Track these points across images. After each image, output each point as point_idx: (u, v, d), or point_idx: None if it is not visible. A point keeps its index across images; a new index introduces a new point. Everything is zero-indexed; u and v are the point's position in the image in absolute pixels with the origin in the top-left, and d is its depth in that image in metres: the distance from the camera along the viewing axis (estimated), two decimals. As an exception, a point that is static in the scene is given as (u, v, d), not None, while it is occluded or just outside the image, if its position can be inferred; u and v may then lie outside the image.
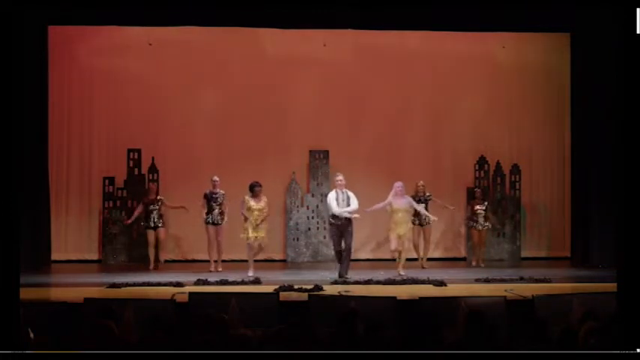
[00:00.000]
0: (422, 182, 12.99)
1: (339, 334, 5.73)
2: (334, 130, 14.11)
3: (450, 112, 14.33)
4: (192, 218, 12.76)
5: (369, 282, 10.61)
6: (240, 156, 13.72)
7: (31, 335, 5.59)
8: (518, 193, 14.28)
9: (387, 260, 12.07)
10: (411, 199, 12.02)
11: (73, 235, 13.79)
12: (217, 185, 12.27)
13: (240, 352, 5.17)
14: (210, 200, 12.29)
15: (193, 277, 10.75)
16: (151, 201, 12.74)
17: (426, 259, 13.04)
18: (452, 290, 10.01)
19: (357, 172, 13.39)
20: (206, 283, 10.44)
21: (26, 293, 7.70)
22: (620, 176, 5.86)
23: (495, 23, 13.08)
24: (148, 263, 12.70)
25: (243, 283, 10.53)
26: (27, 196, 11.69)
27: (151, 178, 13.71)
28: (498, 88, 14.39)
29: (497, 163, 14.28)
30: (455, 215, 14.03)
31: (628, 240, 5.47)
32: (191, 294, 8.66)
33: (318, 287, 9.83)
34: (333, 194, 11.40)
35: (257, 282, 10.63)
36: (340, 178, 11.46)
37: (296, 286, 9.80)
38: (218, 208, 12.29)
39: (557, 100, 14.34)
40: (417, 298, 8.70)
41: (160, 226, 12.75)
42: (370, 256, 13.89)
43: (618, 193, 6.44)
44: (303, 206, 14.00)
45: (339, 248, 11.41)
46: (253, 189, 11.54)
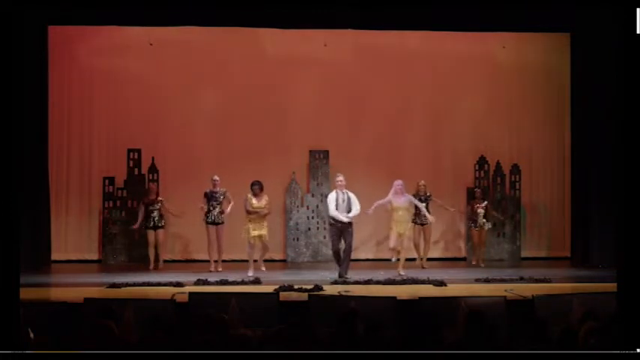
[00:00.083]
0: (423, 182, 12.99)
1: (339, 334, 5.73)
2: (334, 130, 14.11)
3: (450, 112, 14.33)
4: (193, 218, 12.77)
5: (369, 282, 10.61)
6: (240, 156, 13.72)
7: (31, 335, 5.59)
8: (518, 193, 14.29)
9: (387, 260, 12.07)
10: (412, 196, 12.04)
11: (73, 235, 13.80)
12: (217, 185, 12.28)
13: (240, 352, 5.17)
14: (210, 199, 12.30)
15: (193, 277, 10.76)
16: (152, 201, 12.74)
17: (426, 259, 13.05)
18: (452, 290, 10.00)
19: (357, 172, 13.39)
20: (206, 283, 10.45)
21: (26, 293, 7.71)
22: (620, 176, 5.86)
23: (495, 23, 13.08)
24: (148, 263, 12.70)
25: (243, 283, 10.54)
26: (27, 196, 11.70)
27: (151, 178, 13.72)
28: (498, 88, 14.39)
29: (497, 163, 14.28)
30: (455, 215, 14.04)
31: (628, 240, 5.47)
32: (191, 294, 8.66)
33: (318, 287, 9.83)
34: (333, 195, 11.40)
35: (257, 282, 10.63)
36: (340, 178, 11.46)
37: (296, 286, 9.80)
38: (218, 207, 12.30)
39: (557, 100, 14.35)
40: (417, 298, 8.71)
41: (161, 227, 12.75)
42: (370, 256, 13.89)
43: (618, 193, 6.44)
44: (303, 206, 14.00)
45: (337, 249, 11.41)
46: (252, 188, 11.62)
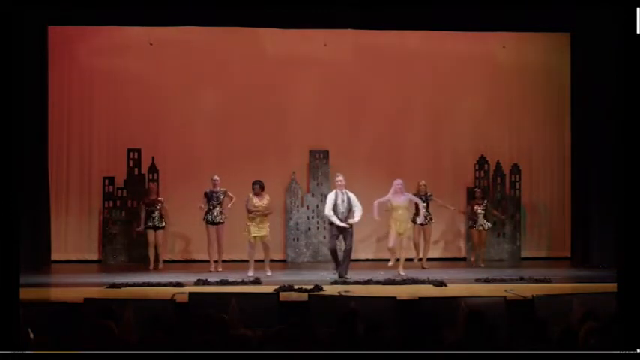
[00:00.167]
0: (424, 182, 13.00)
1: (339, 334, 5.73)
2: (334, 130, 14.11)
3: (450, 112, 14.33)
4: (192, 218, 12.77)
5: (369, 282, 10.61)
6: (240, 156, 13.72)
7: (31, 335, 5.59)
8: (518, 193, 14.29)
9: (387, 260, 12.06)
10: (412, 195, 12.04)
11: (73, 235, 13.79)
12: (217, 184, 12.28)
13: (240, 352, 5.17)
14: (210, 199, 12.30)
15: (193, 277, 10.76)
16: (152, 201, 12.73)
17: (426, 259, 13.05)
18: (452, 290, 10.01)
19: (357, 172, 13.40)
20: (206, 283, 10.45)
21: (26, 293, 7.71)
22: (620, 176, 5.86)
23: (495, 23, 13.08)
24: (148, 263, 12.69)
25: (243, 283, 10.54)
26: (27, 196, 11.70)
27: (151, 178, 13.71)
28: (498, 88, 14.38)
29: (497, 163, 14.28)
30: (455, 215, 14.04)
31: (628, 240, 5.47)
32: (191, 294, 8.66)
33: (318, 287, 9.83)
34: (333, 195, 11.40)
35: (257, 282, 10.63)
36: (340, 178, 11.46)
37: (296, 286, 9.81)
38: (218, 207, 12.30)
39: (557, 100, 14.34)
40: (417, 298, 8.71)
41: (161, 227, 12.74)
42: (370, 256, 13.88)
43: (618, 193, 6.44)
44: (303, 206, 14.00)
45: (335, 247, 11.43)
46: (253, 187, 11.63)
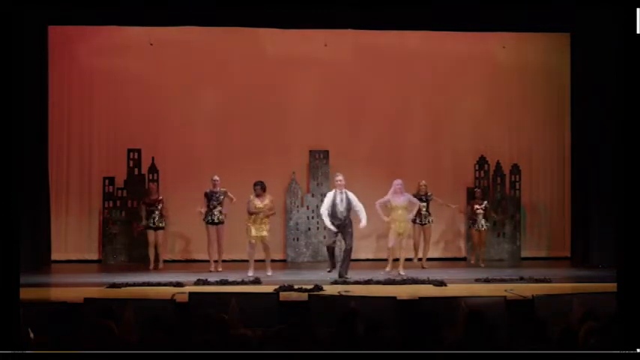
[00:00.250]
0: (424, 182, 13.00)
1: (339, 334, 5.73)
2: (334, 130, 14.11)
3: (450, 112, 14.33)
4: (192, 218, 12.76)
5: (369, 282, 10.61)
6: (240, 156, 13.72)
7: (31, 335, 5.59)
8: (518, 193, 14.29)
9: (387, 260, 12.07)
10: (411, 195, 12.05)
11: (73, 235, 13.79)
12: (217, 185, 12.28)
13: (240, 352, 5.17)
14: (210, 199, 12.29)
15: (193, 277, 10.76)
16: (153, 201, 12.73)
17: (426, 259, 13.05)
18: (452, 290, 10.01)
19: (357, 172, 13.40)
20: (206, 283, 10.45)
21: (26, 293, 7.71)
22: (620, 176, 5.86)
23: (495, 23, 13.08)
24: (148, 263, 12.69)
25: (243, 283, 10.53)
26: (27, 196, 11.69)
27: (151, 178, 13.71)
28: (498, 88, 14.38)
29: (497, 163, 14.28)
30: (455, 215, 14.04)
31: (628, 240, 5.47)
32: (191, 294, 8.66)
33: (318, 287, 9.83)
34: (331, 195, 11.41)
35: (257, 282, 10.63)
36: (340, 178, 11.45)
37: (296, 286, 9.81)
38: (218, 207, 12.30)
39: (557, 100, 14.34)
40: (417, 298, 8.71)
41: (161, 227, 12.73)
42: (370, 256, 13.88)
43: (618, 193, 6.44)
44: (303, 206, 14.00)
45: (332, 245, 11.44)
46: (254, 188, 11.61)
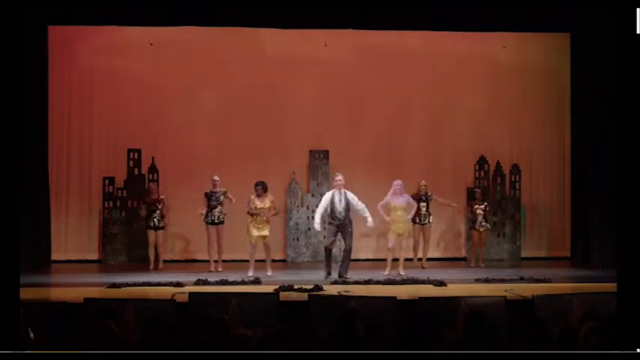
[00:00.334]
0: (424, 182, 12.99)
1: (339, 334, 5.73)
2: (334, 130, 14.11)
3: (450, 112, 14.32)
4: (193, 218, 12.76)
5: (369, 282, 10.61)
6: (240, 156, 13.72)
7: (31, 335, 5.59)
8: (518, 193, 14.28)
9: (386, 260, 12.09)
10: (410, 197, 12.05)
11: (73, 235, 13.79)
12: (217, 185, 12.28)
13: (240, 352, 5.17)
14: (210, 199, 12.30)
15: (193, 277, 10.76)
16: (154, 201, 12.72)
17: (426, 259, 13.05)
18: (452, 290, 10.01)
19: (357, 172, 13.40)
20: (206, 283, 10.45)
21: (26, 293, 7.71)
22: (620, 176, 5.86)
23: (495, 23, 13.08)
24: (148, 263, 12.69)
25: (243, 283, 10.53)
26: (27, 196, 11.69)
27: (151, 178, 13.71)
28: (498, 88, 14.38)
29: (497, 163, 14.28)
30: (455, 215, 14.04)
31: (628, 240, 5.47)
32: (191, 294, 8.66)
33: (318, 287, 9.84)
34: (329, 195, 11.41)
35: (257, 282, 10.63)
36: (340, 178, 11.44)
37: (296, 286, 9.81)
38: (218, 207, 12.30)
39: (557, 100, 14.34)
40: (417, 298, 8.71)
41: (161, 227, 12.73)
42: (370, 256, 13.88)
43: (618, 193, 6.44)
44: (303, 206, 13.99)
45: (330, 247, 11.43)
46: (255, 188, 11.61)
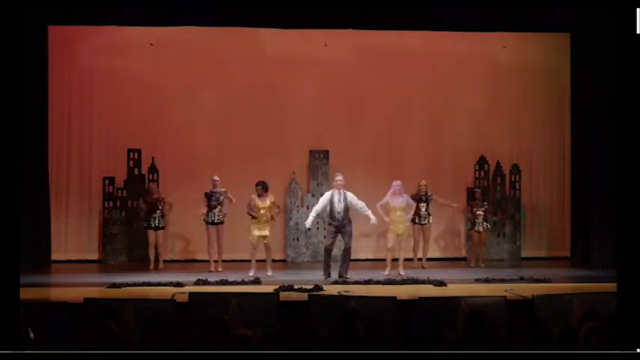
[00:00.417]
0: (424, 182, 12.98)
1: (339, 334, 5.73)
2: (334, 130, 14.11)
3: (450, 112, 14.32)
4: (193, 218, 12.76)
5: (369, 282, 10.61)
6: (240, 156, 13.72)
7: (31, 335, 5.59)
8: (518, 193, 14.28)
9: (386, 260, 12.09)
10: (409, 197, 12.06)
11: (73, 235, 13.79)
12: (217, 185, 12.28)
13: (240, 352, 5.17)
14: (210, 199, 12.30)
15: (193, 277, 10.75)
16: (155, 200, 12.72)
17: (426, 259, 13.05)
18: (452, 290, 10.01)
19: (357, 172, 13.40)
20: (206, 283, 10.44)
21: (26, 293, 7.71)
22: (620, 176, 5.86)
23: (495, 23, 13.08)
24: (148, 263, 12.68)
25: (243, 283, 10.53)
26: (27, 196, 11.69)
27: (151, 178, 13.71)
28: (498, 88, 14.38)
29: (497, 163, 14.28)
30: (455, 215, 14.04)
31: (628, 240, 5.47)
32: (191, 294, 8.65)
33: (318, 287, 9.83)
34: (328, 195, 11.42)
35: (257, 282, 10.63)
36: (339, 178, 11.44)
37: (296, 286, 9.81)
38: (218, 207, 12.30)
39: (557, 100, 14.34)
40: (417, 298, 8.71)
41: (161, 227, 12.72)
42: (370, 255, 13.88)
43: (618, 193, 6.44)
44: (303, 206, 13.99)
45: (330, 247, 11.44)
46: (255, 188, 11.61)
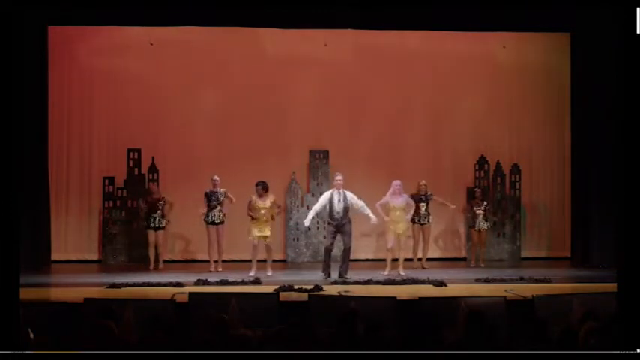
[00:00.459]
0: (424, 182, 12.99)
1: (339, 334, 5.73)
2: (334, 130, 14.11)
3: (450, 112, 14.32)
4: (193, 218, 12.76)
5: (369, 282, 10.61)
6: (240, 156, 13.72)
7: (31, 335, 5.59)
8: (518, 193, 14.28)
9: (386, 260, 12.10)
10: (408, 197, 12.06)
11: (73, 235, 13.79)
12: (217, 185, 12.28)
13: (240, 352, 5.17)
14: (210, 200, 12.30)
15: (193, 277, 10.76)
16: (155, 201, 12.71)
17: (426, 259, 13.05)
18: (452, 290, 10.01)
19: (357, 172, 13.40)
20: (206, 283, 10.45)
21: (26, 293, 7.71)
22: (620, 176, 5.86)
23: (495, 23, 13.08)
24: (148, 263, 12.69)
25: (243, 283, 10.53)
26: (27, 196, 11.69)
27: (151, 178, 13.71)
28: (498, 88, 14.38)
29: (497, 163, 14.28)
30: (455, 215, 14.04)
31: (628, 240, 5.47)
32: (191, 294, 8.66)
33: (318, 287, 9.84)
34: (327, 195, 11.43)
35: (257, 282, 10.63)
36: (339, 178, 11.45)
37: (296, 286, 9.81)
38: (218, 207, 12.30)
39: (557, 100, 14.34)
40: (417, 298, 8.71)
41: (162, 228, 12.72)
42: (370, 255, 13.88)
43: (618, 193, 6.44)
44: (303, 206, 13.98)
45: (330, 247, 11.44)
46: (255, 188, 11.61)
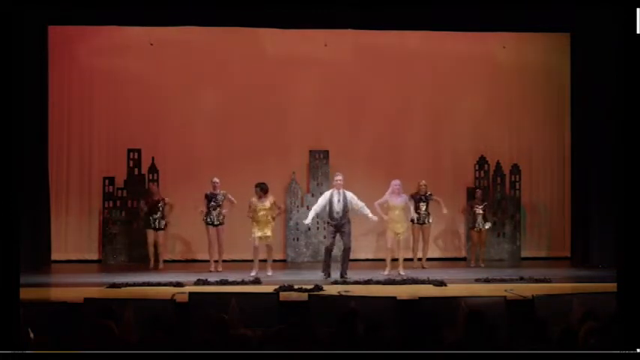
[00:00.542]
0: (424, 181, 12.98)
1: (339, 334, 5.73)
2: (334, 130, 14.11)
3: (450, 112, 14.32)
4: (193, 218, 12.76)
5: (369, 282, 10.61)
6: (240, 156, 13.73)
7: (31, 335, 5.60)
8: (518, 193, 14.28)
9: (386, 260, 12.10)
10: (407, 197, 12.05)
11: (73, 235, 13.79)
12: (217, 187, 12.28)
13: (240, 352, 5.17)
14: (210, 201, 12.30)
15: (193, 277, 10.76)
16: (156, 201, 12.71)
17: (426, 259, 13.05)
18: (452, 290, 10.01)
19: (357, 172, 13.40)
20: (206, 283, 10.45)
21: (26, 293, 7.71)
22: (620, 176, 5.86)
23: (495, 23, 13.08)
24: (148, 263, 12.69)
25: (243, 283, 10.54)
26: (27, 196, 11.69)
27: (151, 178, 13.71)
28: (498, 88, 14.38)
29: (497, 163, 14.28)
30: (455, 215, 14.03)
31: (628, 240, 5.47)
32: (191, 294, 8.66)
33: (318, 287, 9.84)
34: (327, 195, 11.43)
35: (257, 282, 10.63)
36: (339, 178, 11.45)
37: (296, 286, 9.81)
38: (218, 209, 12.30)
39: (557, 100, 14.34)
40: (417, 298, 8.71)
41: (161, 228, 12.72)
42: (370, 255, 13.88)
43: (618, 193, 6.44)
44: (303, 206, 13.98)
45: (330, 247, 11.44)
46: (255, 190, 11.61)
